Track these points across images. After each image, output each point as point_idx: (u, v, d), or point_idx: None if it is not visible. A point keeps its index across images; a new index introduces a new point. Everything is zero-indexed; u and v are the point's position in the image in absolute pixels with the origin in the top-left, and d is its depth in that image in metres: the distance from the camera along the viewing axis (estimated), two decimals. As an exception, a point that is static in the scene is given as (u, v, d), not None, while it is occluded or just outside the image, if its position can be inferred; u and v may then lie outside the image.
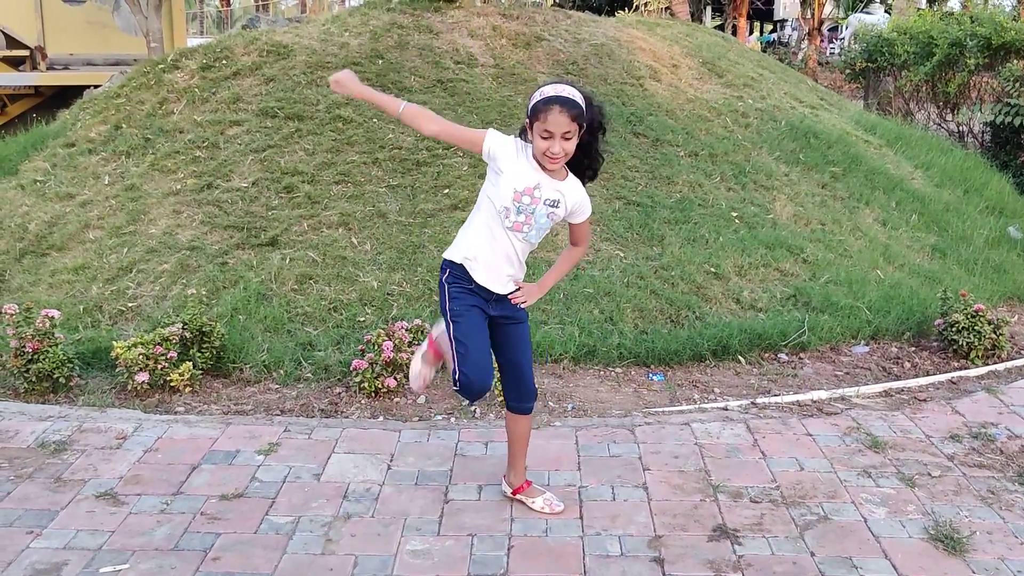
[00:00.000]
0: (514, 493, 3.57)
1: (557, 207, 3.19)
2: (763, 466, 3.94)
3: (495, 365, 3.44)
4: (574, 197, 3.23)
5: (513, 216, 3.16)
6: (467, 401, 3.49)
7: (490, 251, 3.21)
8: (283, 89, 7.28)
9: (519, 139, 3.20)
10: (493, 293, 3.26)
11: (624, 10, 13.49)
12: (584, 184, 3.28)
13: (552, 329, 5.20)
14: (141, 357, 4.56)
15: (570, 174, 3.23)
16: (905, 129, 9.97)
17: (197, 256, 5.74)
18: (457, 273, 3.26)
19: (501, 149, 3.14)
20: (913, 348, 5.51)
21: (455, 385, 3.27)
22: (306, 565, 3.19)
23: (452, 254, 3.28)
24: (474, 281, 3.24)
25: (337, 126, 6.89)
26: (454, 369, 3.23)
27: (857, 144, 8.53)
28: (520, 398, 3.46)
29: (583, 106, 3.08)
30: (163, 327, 4.75)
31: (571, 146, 3.08)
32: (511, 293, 3.31)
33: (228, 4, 48.40)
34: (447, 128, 3.22)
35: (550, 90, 3.07)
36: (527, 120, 3.13)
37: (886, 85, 13.35)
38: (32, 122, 9.11)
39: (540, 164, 3.14)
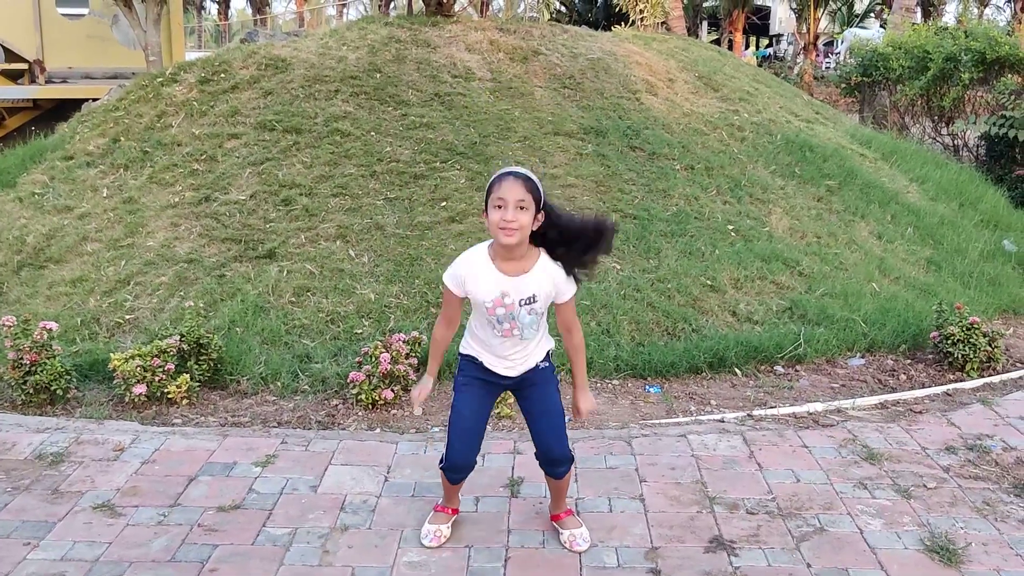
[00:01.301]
0: (552, 519, 3.52)
1: (535, 301, 3.09)
2: (759, 478, 3.95)
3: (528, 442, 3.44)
4: (550, 280, 3.10)
5: (498, 327, 3.12)
6: (452, 479, 3.38)
7: (493, 352, 3.20)
8: (281, 102, 7.31)
9: (469, 257, 3.12)
10: (507, 376, 3.24)
11: (621, 25, 13.57)
12: (571, 273, 3.15)
13: (559, 345, 5.20)
14: (139, 369, 4.57)
15: (542, 257, 3.10)
16: (900, 143, 10.02)
17: (195, 268, 5.76)
18: (469, 365, 3.28)
19: (460, 279, 3.10)
20: (909, 360, 5.52)
21: (441, 462, 3.34)
22: (303, 577, 3.19)
23: (462, 348, 3.31)
24: (484, 375, 3.25)
25: (335, 139, 6.92)
26: (445, 444, 3.31)
27: (852, 158, 8.57)
28: (550, 463, 3.35)
29: (538, 184, 3.01)
30: (161, 339, 4.75)
31: (526, 218, 2.96)
32: (534, 365, 3.25)
33: (226, 18, 48.59)
34: (441, 320, 3.28)
35: (502, 169, 3.07)
36: (483, 211, 3.06)
37: (881, 99, 13.42)
38: (31, 135, 9.12)
39: (499, 252, 3.05)
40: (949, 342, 5.31)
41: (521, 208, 2.96)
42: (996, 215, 8.25)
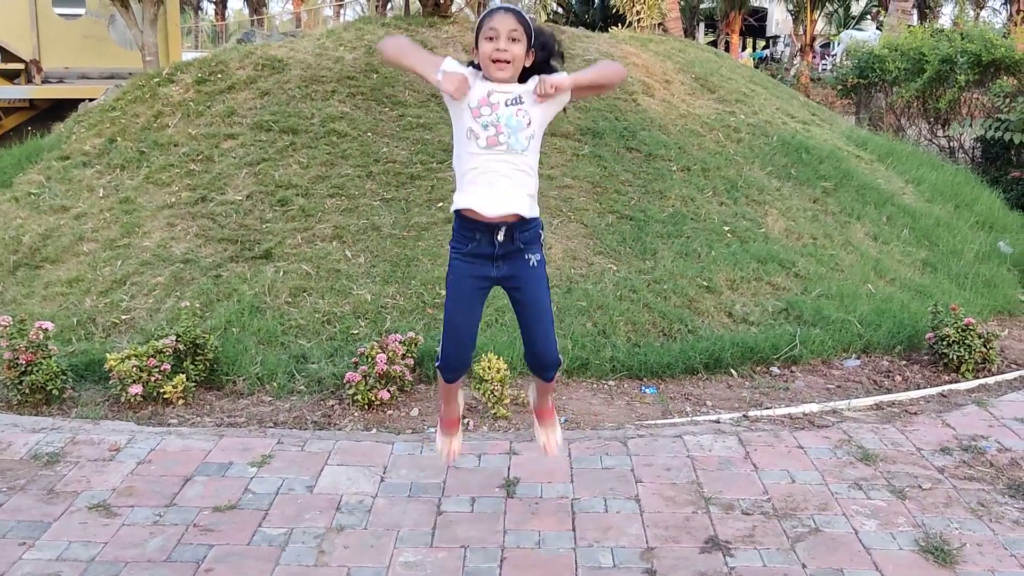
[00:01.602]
0: (535, 413, 3.57)
1: (522, 101, 2.98)
2: (755, 478, 3.95)
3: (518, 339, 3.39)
4: (537, 82, 2.98)
5: (482, 134, 2.97)
6: (447, 378, 3.35)
7: (479, 183, 3.01)
8: (278, 103, 7.31)
9: (463, 65, 3.04)
10: (498, 231, 3.02)
11: (618, 26, 13.58)
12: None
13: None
14: (135, 369, 4.57)
15: (529, 82, 3.02)
16: (896, 144, 10.04)
17: (191, 269, 5.75)
18: (458, 232, 3.12)
19: (459, 67, 2.98)
20: (904, 362, 5.54)
21: (437, 360, 3.33)
22: (299, 577, 3.20)
23: (455, 203, 3.10)
24: (473, 238, 3.06)
25: (331, 140, 6.92)
26: (439, 340, 3.26)
27: (848, 159, 8.59)
28: (540, 368, 3.34)
29: (530, 21, 2.97)
30: (157, 339, 4.75)
31: (519, 49, 2.92)
32: (520, 212, 3.02)
33: (223, 18, 48.55)
34: (406, 56, 3.06)
35: (492, 5, 3.02)
36: (473, 47, 3.01)
37: (877, 101, 13.44)
38: (27, 135, 9.11)
39: (489, 77, 2.99)
40: (944, 343, 5.32)
41: (513, 40, 2.91)
42: (992, 217, 8.27)
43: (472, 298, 3.21)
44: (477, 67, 3.07)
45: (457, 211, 3.10)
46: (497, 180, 3.00)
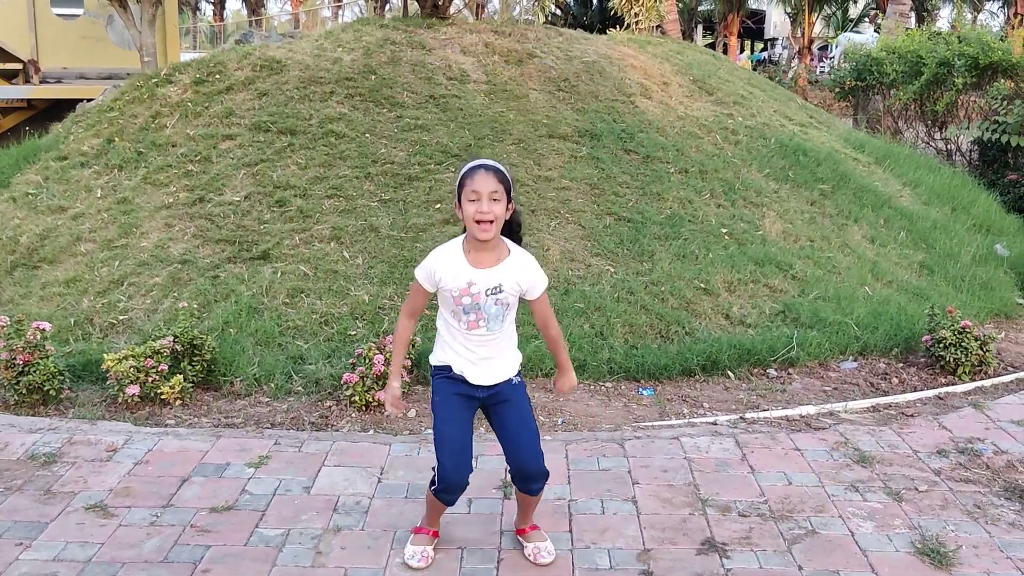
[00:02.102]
0: (517, 533, 3.45)
1: (501, 291, 3.08)
2: (752, 480, 3.96)
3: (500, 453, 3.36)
4: (520, 274, 3.11)
5: (464, 318, 3.09)
6: (447, 500, 3.29)
7: (464, 355, 3.15)
8: (276, 104, 7.31)
9: (442, 250, 3.14)
10: (479, 387, 3.17)
11: (616, 28, 13.59)
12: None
13: (543, 344, 5.21)
14: (132, 370, 4.57)
15: (514, 250, 3.13)
16: (894, 147, 10.05)
17: (189, 269, 5.75)
18: (441, 368, 3.22)
19: (430, 268, 3.11)
20: (901, 364, 5.54)
21: (432, 484, 3.22)
22: (296, 577, 3.20)
23: (433, 358, 3.25)
24: (452, 370, 3.17)
25: (329, 141, 6.92)
26: (435, 466, 3.20)
27: (846, 162, 8.60)
28: (526, 479, 3.23)
29: (508, 176, 3.06)
30: (154, 340, 4.75)
31: (500, 209, 3.00)
32: (506, 378, 3.20)
33: (221, 19, 48.55)
34: (406, 311, 3.26)
35: (473, 162, 3.07)
36: (455, 203, 3.08)
37: (875, 104, 13.45)
38: (25, 135, 9.11)
39: (472, 245, 3.07)
40: (941, 346, 5.33)
41: (494, 200, 2.99)
42: (988, 219, 8.28)
43: (463, 412, 3.20)
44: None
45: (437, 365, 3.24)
46: (480, 351, 3.15)
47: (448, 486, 3.17)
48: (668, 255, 6.21)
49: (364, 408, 4.64)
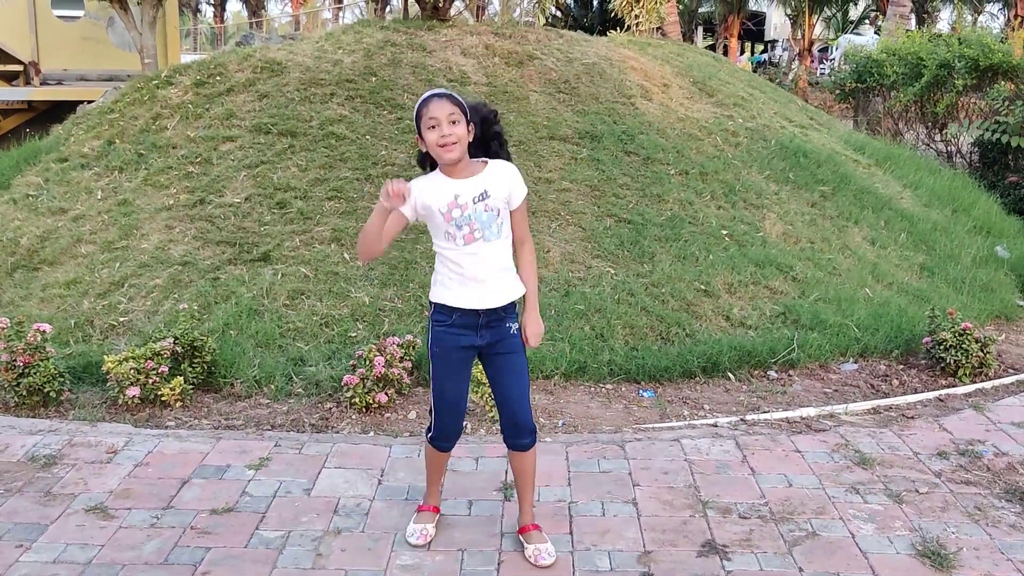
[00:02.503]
0: (519, 532, 3.45)
1: (488, 196, 3.13)
2: (752, 482, 3.96)
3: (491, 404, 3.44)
4: (502, 178, 3.18)
5: (458, 234, 3.13)
6: (442, 446, 3.41)
7: (463, 276, 3.16)
8: (276, 105, 7.31)
9: (420, 178, 3.22)
10: (480, 313, 3.18)
11: (616, 30, 13.59)
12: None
13: (543, 345, 5.21)
14: (132, 371, 4.56)
15: (491, 162, 3.21)
16: (894, 149, 10.05)
17: (189, 271, 5.76)
18: (439, 309, 3.24)
19: (414, 199, 3.15)
20: (901, 366, 5.54)
21: (428, 431, 3.38)
22: (296, 579, 3.20)
23: (432, 295, 3.27)
24: (455, 312, 3.19)
25: (330, 142, 6.92)
26: (429, 409, 3.32)
27: (846, 164, 8.60)
28: (514, 434, 3.32)
29: (461, 99, 3.13)
30: (154, 342, 4.75)
31: (461, 130, 3.07)
32: (510, 300, 3.22)
33: (222, 21, 48.59)
34: (367, 234, 3.17)
35: (424, 94, 3.17)
36: (416, 137, 3.17)
37: (875, 105, 13.45)
38: (25, 137, 9.12)
39: (446, 171, 3.15)
40: (941, 347, 5.33)
41: (453, 122, 3.06)
42: (989, 221, 8.28)
43: (460, 366, 3.30)
44: (427, 163, 3.26)
45: (436, 301, 3.24)
46: (482, 274, 3.16)
47: (443, 433, 3.36)
48: (668, 257, 6.21)
49: (364, 410, 4.64)
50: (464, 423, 3.37)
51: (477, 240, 3.14)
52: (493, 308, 3.20)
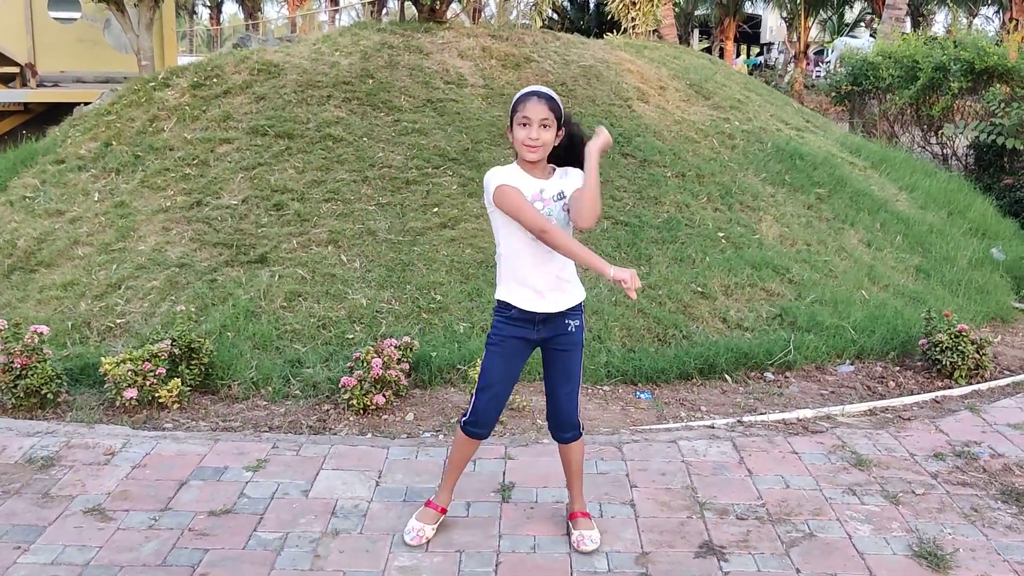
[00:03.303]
0: (569, 517, 3.56)
1: (564, 197, 3.24)
2: (749, 483, 3.97)
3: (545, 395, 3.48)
4: (573, 183, 3.25)
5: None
6: (475, 433, 3.43)
7: (530, 278, 3.24)
8: (273, 107, 7.31)
9: (501, 170, 3.27)
10: (538, 315, 3.26)
11: (612, 32, 13.60)
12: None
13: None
14: (129, 373, 4.56)
15: (559, 168, 3.30)
16: (890, 151, 10.08)
17: (186, 273, 5.75)
18: (502, 304, 3.31)
19: (509, 178, 3.20)
20: (897, 367, 5.56)
21: (464, 416, 3.41)
22: (294, 581, 3.20)
23: (497, 293, 3.34)
24: (514, 308, 3.26)
25: (327, 144, 6.92)
26: (472, 395, 3.40)
27: (842, 166, 8.62)
28: (557, 427, 3.44)
29: (560, 103, 3.21)
30: (152, 343, 4.75)
31: (549, 136, 3.16)
32: (567, 306, 3.29)
33: (218, 23, 48.59)
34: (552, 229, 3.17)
35: (526, 88, 3.25)
36: (508, 127, 3.24)
37: (871, 108, 13.48)
38: (22, 139, 9.10)
39: (524, 167, 3.23)
40: (937, 349, 5.34)
41: (544, 126, 3.15)
42: (984, 223, 8.31)
43: (515, 357, 3.37)
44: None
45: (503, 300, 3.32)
46: (544, 275, 3.24)
47: (477, 419, 3.38)
48: (665, 259, 6.22)
49: (362, 412, 4.64)
50: (499, 416, 3.40)
51: None
52: (552, 313, 3.28)
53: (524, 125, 3.15)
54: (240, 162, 6.75)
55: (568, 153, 3.29)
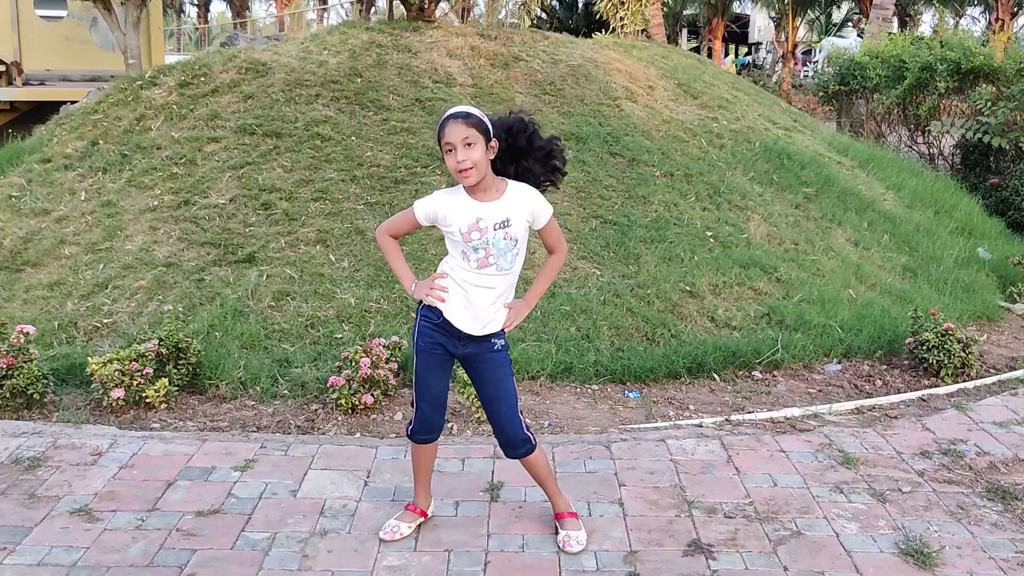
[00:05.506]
0: (555, 518, 3.53)
1: (510, 225, 3.15)
2: (737, 482, 3.98)
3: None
4: (524, 205, 3.19)
5: (472, 256, 3.16)
6: (422, 439, 3.46)
7: (460, 304, 3.22)
8: (261, 106, 7.29)
9: (446, 191, 3.25)
10: (462, 332, 3.25)
11: (601, 32, 13.62)
12: (544, 193, 3.28)
13: (529, 346, 5.23)
14: (116, 373, 4.54)
15: (511, 184, 3.21)
16: (877, 151, 10.12)
17: (174, 272, 5.73)
18: (430, 308, 3.28)
19: (432, 208, 3.21)
20: (884, 366, 5.58)
21: (409, 425, 3.45)
22: (282, 581, 3.19)
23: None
24: (441, 316, 3.25)
25: (315, 143, 6.91)
26: (411, 402, 3.42)
27: (830, 165, 8.66)
28: (506, 446, 3.39)
29: (480, 116, 3.12)
30: (139, 343, 4.73)
31: (477, 154, 3.06)
32: (494, 331, 3.27)
33: (206, 21, 48.40)
34: (389, 231, 3.43)
35: (445, 112, 3.16)
36: (443, 160, 3.16)
37: (858, 108, 13.52)
38: (8, 137, 9.05)
39: (469, 189, 3.16)
40: (924, 348, 5.37)
41: (468, 145, 3.06)
42: (971, 223, 8.35)
43: (445, 364, 3.37)
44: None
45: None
46: (482, 300, 3.20)
47: (422, 425, 3.41)
48: (654, 258, 6.23)
49: (350, 411, 4.63)
50: (446, 420, 3.43)
51: (490, 266, 3.18)
52: (477, 336, 3.27)
53: (449, 151, 3.08)
54: (228, 161, 6.73)
55: (522, 152, 3.22)
